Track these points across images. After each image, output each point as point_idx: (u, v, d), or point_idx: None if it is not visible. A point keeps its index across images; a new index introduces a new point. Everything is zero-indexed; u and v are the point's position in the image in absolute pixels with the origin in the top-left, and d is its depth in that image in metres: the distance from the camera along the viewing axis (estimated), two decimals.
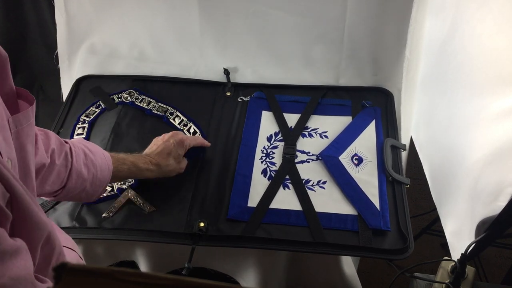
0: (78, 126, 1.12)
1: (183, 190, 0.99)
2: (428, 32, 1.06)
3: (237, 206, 0.95)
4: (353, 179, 0.98)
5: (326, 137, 1.09)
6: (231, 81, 1.23)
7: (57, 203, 0.96)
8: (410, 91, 1.15)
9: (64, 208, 0.95)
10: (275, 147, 1.06)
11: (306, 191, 0.96)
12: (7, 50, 0.54)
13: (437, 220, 1.22)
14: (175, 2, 1.13)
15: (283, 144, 1.07)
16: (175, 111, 1.15)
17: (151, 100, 1.17)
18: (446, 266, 0.86)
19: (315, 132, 1.10)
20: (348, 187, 0.97)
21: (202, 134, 1.10)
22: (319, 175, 1.00)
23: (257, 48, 1.19)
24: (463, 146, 0.90)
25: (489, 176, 0.80)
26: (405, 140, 1.16)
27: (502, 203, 0.75)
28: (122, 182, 0.98)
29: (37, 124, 0.64)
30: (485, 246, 0.84)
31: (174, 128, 1.11)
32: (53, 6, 1.17)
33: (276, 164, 1.03)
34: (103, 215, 0.94)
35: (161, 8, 1.15)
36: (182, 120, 1.13)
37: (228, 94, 1.21)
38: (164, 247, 0.94)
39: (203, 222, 0.91)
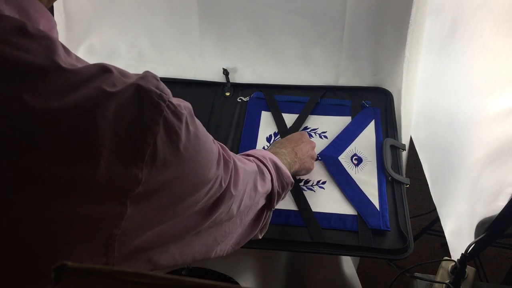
0: None
1: None
2: (428, 32, 1.06)
3: None
4: (352, 179, 0.98)
5: (326, 137, 1.08)
6: (231, 81, 1.23)
7: None
8: (409, 91, 1.15)
9: None
10: None
11: (301, 191, 0.96)
12: None
13: (437, 220, 1.22)
14: (175, 2, 1.13)
15: None
16: None
17: None
18: (446, 266, 0.86)
19: (315, 132, 1.10)
20: (348, 187, 0.97)
21: None
22: (318, 175, 1.00)
23: (256, 48, 1.19)
24: (463, 146, 0.90)
25: (489, 176, 0.80)
26: (404, 140, 1.16)
27: (502, 203, 0.75)
28: None
29: None
30: (485, 246, 0.84)
31: None
32: (52, 7, 1.17)
33: None
34: None
35: (161, 8, 1.15)
36: None
37: (228, 94, 1.21)
38: None
39: None
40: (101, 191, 0.39)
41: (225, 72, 1.22)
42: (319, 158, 1.03)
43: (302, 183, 0.98)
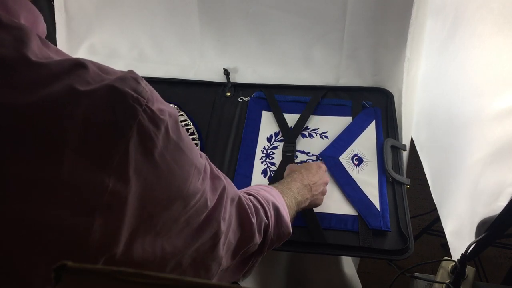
0: None
1: None
2: (428, 32, 1.05)
3: None
4: (353, 179, 0.98)
5: (326, 137, 1.08)
6: (231, 81, 1.23)
7: None
8: (410, 91, 1.15)
9: None
10: (275, 147, 1.06)
11: None
12: None
13: (437, 220, 1.22)
14: (175, 2, 1.13)
15: (283, 144, 1.07)
16: (178, 109, 1.15)
17: None
18: (446, 266, 0.86)
19: (315, 133, 1.10)
20: (348, 188, 0.97)
21: (200, 137, 1.10)
22: None
23: (257, 48, 1.19)
24: (463, 146, 0.90)
25: (489, 176, 0.80)
26: (405, 140, 1.16)
27: (502, 203, 0.75)
28: None
29: None
30: (485, 246, 0.84)
31: None
32: (53, 6, 1.17)
33: (276, 165, 1.03)
34: None
35: (161, 9, 1.15)
36: (185, 119, 1.13)
37: (228, 94, 1.21)
38: None
39: None
40: (64, 195, 0.36)
41: (226, 72, 1.22)
42: (320, 158, 1.03)
43: None
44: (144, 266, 0.44)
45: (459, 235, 0.92)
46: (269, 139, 1.09)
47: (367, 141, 1.06)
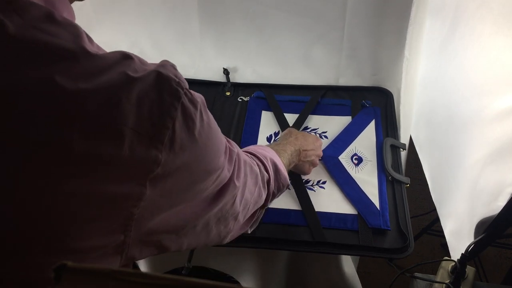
0: None
1: None
2: (428, 32, 1.05)
3: None
4: (353, 178, 0.98)
5: (326, 137, 1.09)
6: (231, 80, 1.23)
7: None
8: (409, 91, 1.15)
9: None
10: None
11: (306, 191, 0.96)
12: None
13: (437, 220, 1.22)
14: (175, 2, 1.13)
15: None
16: None
17: None
18: (446, 266, 0.86)
19: (315, 132, 1.10)
20: (348, 187, 0.97)
21: None
22: (319, 175, 1.00)
23: (257, 48, 1.19)
24: (463, 146, 0.90)
25: (488, 176, 0.80)
26: (404, 140, 1.16)
27: (501, 203, 0.75)
28: None
29: None
30: (485, 246, 0.84)
31: None
32: None
33: None
34: None
35: (161, 8, 1.15)
36: None
37: (228, 94, 1.21)
38: None
39: None
40: (124, 169, 0.41)
41: (226, 72, 1.22)
42: (320, 158, 1.03)
43: (303, 183, 0.98)
44: (177, 231, 0.51)
45: (459, 235, 0.92)
46: (268, 139, 1.09)
47: (366, 141, 1.06)
